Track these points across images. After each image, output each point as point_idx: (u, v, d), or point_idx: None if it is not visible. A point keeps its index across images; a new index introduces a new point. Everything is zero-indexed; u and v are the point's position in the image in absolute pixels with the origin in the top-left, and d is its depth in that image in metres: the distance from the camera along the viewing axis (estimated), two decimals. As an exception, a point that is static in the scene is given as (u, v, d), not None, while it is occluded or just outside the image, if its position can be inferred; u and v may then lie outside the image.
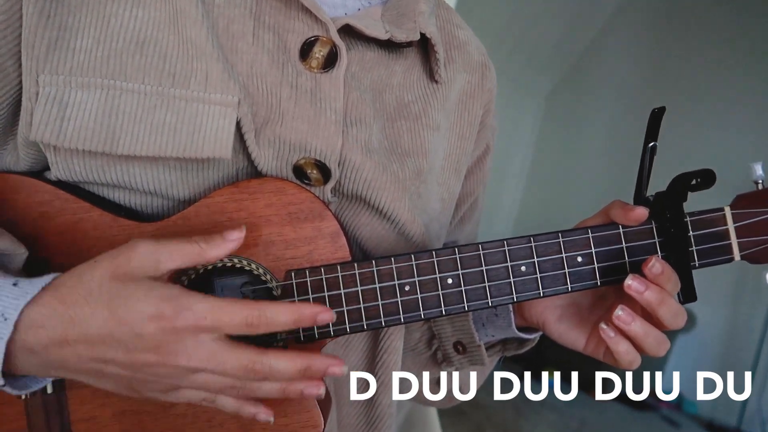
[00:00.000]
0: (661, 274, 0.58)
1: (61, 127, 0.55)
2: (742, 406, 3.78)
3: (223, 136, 0.57)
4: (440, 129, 0.72)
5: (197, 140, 0.57)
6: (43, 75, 0.56)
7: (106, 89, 0.56)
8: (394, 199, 0.65)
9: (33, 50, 0.56)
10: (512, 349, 0.77)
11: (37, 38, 0.56)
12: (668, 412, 4.01)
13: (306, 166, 0.62)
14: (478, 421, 3.52)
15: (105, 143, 0.56)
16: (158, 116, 0.56)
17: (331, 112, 0.62)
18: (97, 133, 0.56)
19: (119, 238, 0.60)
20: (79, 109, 0.56)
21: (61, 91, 0.56)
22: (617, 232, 0.62)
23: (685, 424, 3.92)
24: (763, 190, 0.62)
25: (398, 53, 0.69)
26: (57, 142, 0.56)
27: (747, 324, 3.88)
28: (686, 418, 3.99)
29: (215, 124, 0.57)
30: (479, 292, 0.61)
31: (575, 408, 3.91)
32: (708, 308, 4.02)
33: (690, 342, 4.12)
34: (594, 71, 4.83)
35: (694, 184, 0.59)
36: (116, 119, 0.56)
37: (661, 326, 0.59)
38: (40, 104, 0.55)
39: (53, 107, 0.55)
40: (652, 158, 0.61)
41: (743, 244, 0.62)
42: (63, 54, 0.56)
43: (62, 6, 0.57)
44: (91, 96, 0.56)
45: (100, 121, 0.56)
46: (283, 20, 0.62)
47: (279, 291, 0.60)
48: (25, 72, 0.56)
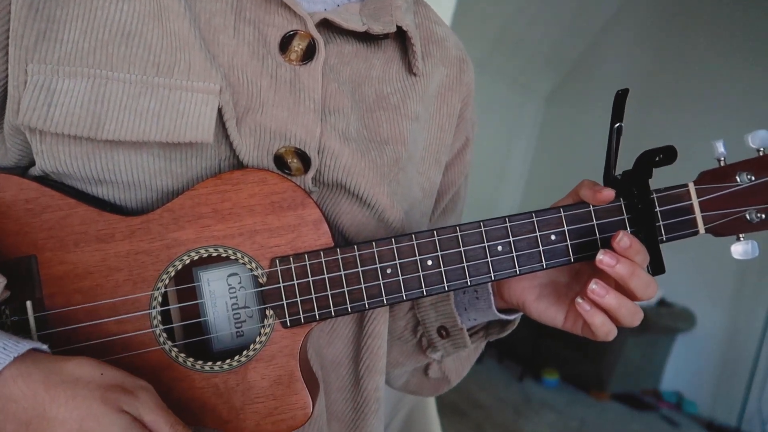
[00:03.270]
0: (629, 248, 0.60)
1: (48, 113, 0.57)
2: (742, 406, 3.77)
3: (205, 122, 0.59)
4: (419, 119, 0.73)
5: (180, 125, 0.59)
6: (31, 64, 0.58)
7: (92, 78, 0.58)
8: (373, 185, 0.67)
9: (22, 40, 0.58)
10: (495, 333, 0.79)
11: (26, 29, 0.58)
12: (668, 412, 4.01)
13: (286, 155, 0.63)
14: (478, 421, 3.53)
15: (90, 128, 0.57)
16: (143, 103, 0.58)
17: (309, 101, 0.64)
18: (83, 119, 0.57)
19: (105, 232, 0.61)
20: (66, 96, 0.57)
21: (48, 78, 0.57)
22: (588, 210, 0.64)
23: (685, 424, 3.91)
24: (724, 167, 0.64)
25: (377, 47, 0.71)
26: (44, 127, 0.57)
27: (747, 324, 3.88)
28: (686, 418, 3.99)
29: (197, 110, 0.59)
30: (458, 272, 0.63)
31: (575, 408, 3.91)
32: (708, 308, 4.03)
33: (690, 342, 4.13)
34: (594, 71, 4.84)
35: (658, 160, 0.61)
36: (102, 106, 0.58)
37: (633, 297, 0.62)
38: (28, 91, 0.57)
39: (41, 93, 0.57)
40: (619, 138, 0.64)
41: (707, 218, 0.64)
42: (51, 45, 0.58)
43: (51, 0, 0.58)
44: (78, 84, 0.58)
45: (86, 107, 0.57)
46: (263, 15, 0.64)
47: (265, 279, 0.61)
48: (13, 62, 0.58)
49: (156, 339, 0.61)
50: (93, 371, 0.53)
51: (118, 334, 0.60)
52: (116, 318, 0.61)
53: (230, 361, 0.61)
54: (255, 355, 0.61)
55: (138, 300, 0.61)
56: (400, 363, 0.83)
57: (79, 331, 0.60)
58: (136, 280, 0.61)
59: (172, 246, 0.61)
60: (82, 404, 0.50)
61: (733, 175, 0.64)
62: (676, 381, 4.21)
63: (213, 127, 0.59)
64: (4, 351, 0.51)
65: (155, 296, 0.61)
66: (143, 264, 0.61)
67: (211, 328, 0.64)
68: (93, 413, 0.50)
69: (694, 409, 4.04)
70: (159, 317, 0.61)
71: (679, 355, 4.18)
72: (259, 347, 0.61)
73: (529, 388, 4.15)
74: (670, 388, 4.22)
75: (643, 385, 4.18)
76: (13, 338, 0.53)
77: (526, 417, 3.72)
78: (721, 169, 0.64)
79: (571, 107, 4.99)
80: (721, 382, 3.98)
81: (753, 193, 0.63)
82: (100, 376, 0.53)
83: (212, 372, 0.61)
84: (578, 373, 4.12)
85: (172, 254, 0.61)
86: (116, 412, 0.51)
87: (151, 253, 0.61)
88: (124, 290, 0.61)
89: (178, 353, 0.61)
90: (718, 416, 3.93)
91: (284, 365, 0.62)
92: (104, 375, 0.53)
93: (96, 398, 0.51)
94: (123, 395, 0.52)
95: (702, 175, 0.65)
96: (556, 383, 4.23)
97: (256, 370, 0.61)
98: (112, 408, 0.51)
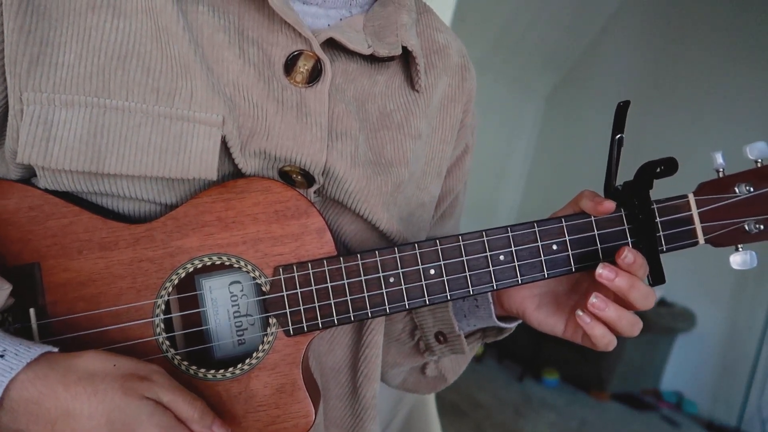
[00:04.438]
0: (633, 263, 0.61)
1: (47, 149, 0.56)
2: (742, 406, 3.78)
3: (208, 157, 0.58)
4: (422, 136, 0.73)
5: (183, 161, 0.58)
6: (26, 92, 0.56)
7: (90, 107, 0.56)
8: (375, 209, 0.67)
9: (15, 67, 0.56)
10: (492, 336, 0.80)
11: (19, 54, 0.56)
12: (668, 412, 4.01)
13: (291, 172, 0.63)
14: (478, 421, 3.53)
15: (91, 163, 0.57)
16: (143, 135, 0.57)
17: (316, 127, 0.63)
18: (83, 153, 0.56)
19: (109, 240, 0.61)
20: (65, 129, 0.56)
21: (45, 109, 0.56)
22: (589, 221, 0.65)
23: (685, 424, 3.91)
24: (724, 177, 0.65)
25: (381, 64, 0.70)
26: (44, 164, 0.56)
27: (747, 324, 3.88)
28: (686, 418, 3.99)
29: (200, 145, 0.58)
30: (460, 282, 0.63)
31: (575, 408, 3.91)
32: (708, 308, 4.03)
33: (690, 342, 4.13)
34: (594, 71, 4.84)
35: (659, 171, 0.62)
36: (101, 138, 0.56)
37: (632, 308, 0.62)
38: (25, 124, 0.56)
39: (38, 128, 0.56)
40: (620, 149, 0.64)
41: (706, 228, 0.65)
42: (46, 70, 0.56)
43: (43, 20, 0.56)
44: (76, 114, 0.56)
45: (85, 141, 0.56)
46: (266, 34, 0.62)
47: (268, 287, 0.61)
48: (10, 89, 0.57)
49: (159, 347, 0.61)
50: (105, 363, 0.54)
51: (121, 342, 0.61)
52: (119, 326, 0.61)
53: (233, 370, 0.61)
54: (258, 363, 0.62)
55: (141, 308, 0.61)
56: (398, 363, 0.84)
57: (82, 339, 0.60)
58: (140, 288, 0.61)
59: (176, 254, 0.61)
60: (105, 398, 0.52)
61: (732, 186, 0.64)
62: (676, 381, 4.21)
63: (216, 163, 0.59)
64: (17, 356, 0.52)
65: (158, 304, 0.61)
66: (147, 272, 0.61)
67: (213, 337, 0.64)
68: (117, 405, 0.52)
69: (694, 409, 4.04)
70: (162, 325, 0.61)
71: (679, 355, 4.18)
72: (262, 355, 0.62)
73: (529, 388, 4.15)
74: (670, 388, 4.22)
75: (643, 385, 4.18)
76: (24, 343, 0.54)
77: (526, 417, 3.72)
78: (720, 180, 0.65)
79: (571, 107, 4.98)
80: (721, 382, 3.98)
81: (751, 203, 0.64)
82: (113, 367, 0.54)
83: (215, 380, 0.61)
84: (578, 373, 4.12)
85: (175, 262, 0.61)
86: (138, 400, 0.53)
87: (154, 261, 0.61)
88: (127, 298, 0.61)
89: (181, 361, 0.61)
90: (718, 416, 3.93)
91: (287, 373, 0.62)
92: (117, 365, 0.54)
93: (116, 390, 0.52)
94: (140, 382, 0.54)
95: (701, 186, 0.65)
96: (556, 383, 4.23)
97: (259, 378, 0.62)
98: (134, 396, 0.53)
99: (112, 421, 0.51)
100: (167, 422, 0.53)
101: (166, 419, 0.53)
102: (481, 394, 3.85)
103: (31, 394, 0.51)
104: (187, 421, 0.55)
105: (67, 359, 0.54)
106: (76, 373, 0.52)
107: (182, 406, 0.55)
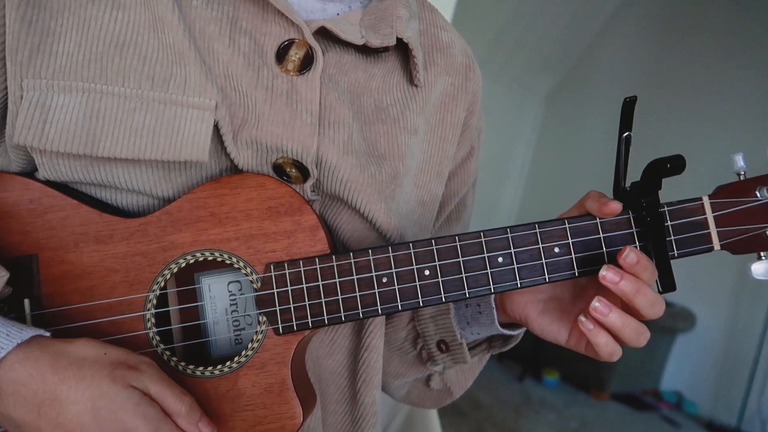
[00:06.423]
0: (637, 264, 0.57)
1: (43, 131, 0.57)
2: (742, 406, 3.77)
3: (201, 140, 0.59)
4: (418, 132, 0.72)
5: (175, 143, 0.58)
6: (26, 79, 0.57)
7: (87, 92, 0.58)
8: (371, 200, 0.66)
9: (16, 55, 0.58)
10: (498, 346, 0.77)
11: (20, 44, 0.57)
12: (668, 412, 4.01)
13: (285, 165, 0.63)
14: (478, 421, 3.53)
15: (86, 146, 0.57)
16: (137, 119, 0.58)
17: (306, 114, 0.62)
18: (78, 136, 0.57)
19: (104, 233, 0.61)
20: (61, 112, 0.57)
21: (44, 94, 0.57)
22: (594, 223, 0.62)
23: (685, 424, 3.91)
24: (744, 181, 0.61)
25: (377, 57, 0.70)
26: (39, 145, 0.57)
27: (747, 324, 3.87)
28: (686, 418, 3.98)
29: (193, 128, 0.58)
30: (456, 284, 0.61)
31: (575, 408, 3.91)
32: (708, 308, 4.02)
33: (690, 342, 4.12)
34: (594, 71, 4.83)
35: (667, 169, 0.58)
36: (97, 122, 0.57)
37: (639, 316, 0.59)
38: (23, 108, 0.57)
39: (36, 111, 0.57)
40: (628, 148, 0.61)
41: (723, 233, 0.61)
42: (45, 58, 0.58)
43: (44, 11, 0.58)
44: (73, 99, 0.57)
45: (81, 124, 0.57)
46: (259, 24, 0.63)
47: (259, 284, 0.61)
48: (10, 77, 0.58)
49: (149, 341, 0.61)
50: (96, 351, 0.55)
51: (112, 335, 0.61)
52: (111, 318, 0.61)
53: (221, 367, 0.61)
54: (246, 361, 0.61)
55: (133, 302, 0.61)
56: (401, 374, 0.81)
57: (75, 331, 0.61)
58: (132, 281, 0.61)
59: (169, 249, 0.61)
60: (92, 384, 0.52)
61: (753, 189, 0.60)
62: (676, 381, 4.20)
63: (208, 146, 0.59)
64: (8, 337, 0.53)
65: (150, 298, 0.61)
66: (139, 266, 0.61)
67: (209, 332, 0.64)
68: (104, 392, 0.52)
69: (694, 409, 4.03)
70: (153, 319, 0.61)
71: (679, 355, 4.17)
72: (251, 354, 0.61)
73: (529, 388, 4.15)
74: (670, 388, 4.21)
75: (643, 385, 4.17)
76: (17, 325, 0.54)
77: (526, 417, 3.72)
78: (739, 183, 0.61)
79: (571, 107, 4.98)
80: (721, 382, 3.97)
81: None
82: (103, 355, 0.55)
83: (203, 377, 0.61)
84: (578, 373, 4.12)
85: (168, 257, 0.61)
86: (126, 389, 0.53)
87: (147, 255, 0.61)
88: (119, 291, 0.61)
89: (170, 356, 0.61)
90: (718, 416, 3.93)
91: (275, 373, 0.61)
92: (107, 354, 0.55)
93: (104, 377, 0.53)
94: (128, 371, 0.54)
95: (718, 189, 0.61)
96: (556, 383, 4.22)
97: (247, 377, 0.61)
98: (121, 385, 0.53)
99: (97, 408, 0.52)
100: (153, 414, 0.53)
101: (152, 410, 0.53)
102: (481, 394, 3.84)
103: (20, 375, 0.52)
104: (173, 415, 0.55)
105: (59, 344, 0.54)
106: (67, 358, 0.53)
107: (170, 400, 0.55)
